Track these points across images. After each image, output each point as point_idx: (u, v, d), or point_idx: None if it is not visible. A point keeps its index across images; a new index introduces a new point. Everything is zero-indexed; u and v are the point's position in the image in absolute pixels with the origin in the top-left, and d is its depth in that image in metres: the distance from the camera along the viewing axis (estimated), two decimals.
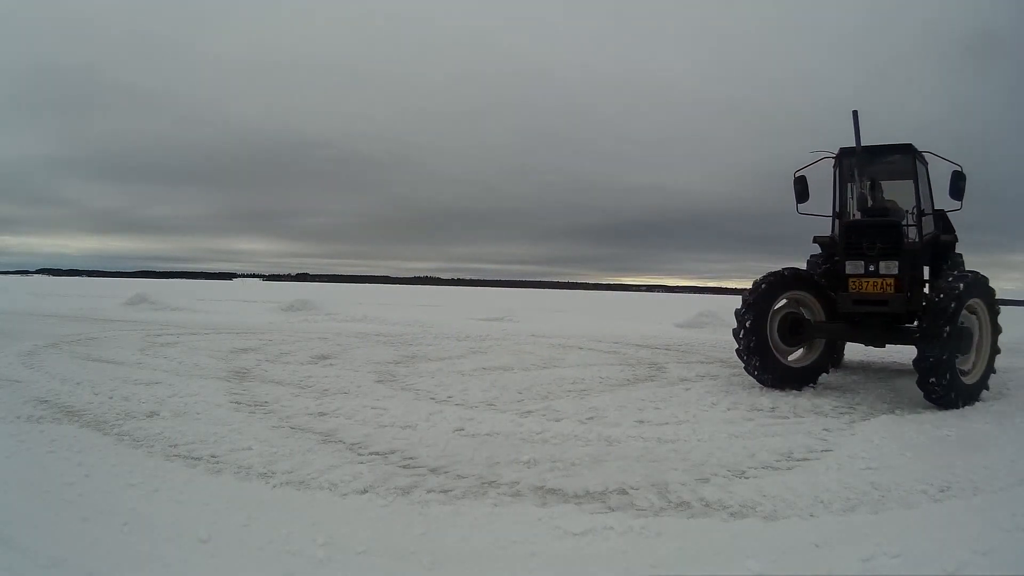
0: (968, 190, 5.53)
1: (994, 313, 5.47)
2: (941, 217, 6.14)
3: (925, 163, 6.07)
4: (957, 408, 4.78)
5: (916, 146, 5.89)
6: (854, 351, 7.90)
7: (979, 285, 5.29)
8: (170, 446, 3.37)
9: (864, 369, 7.28)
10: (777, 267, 5.93)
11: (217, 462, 3.13)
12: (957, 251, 6.24)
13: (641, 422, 4.22)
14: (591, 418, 4.27)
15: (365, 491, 2.77)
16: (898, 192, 6.10)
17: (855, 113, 5.67)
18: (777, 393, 5.45)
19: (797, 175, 6.08)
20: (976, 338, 5.34)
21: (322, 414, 4.22)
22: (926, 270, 5.95)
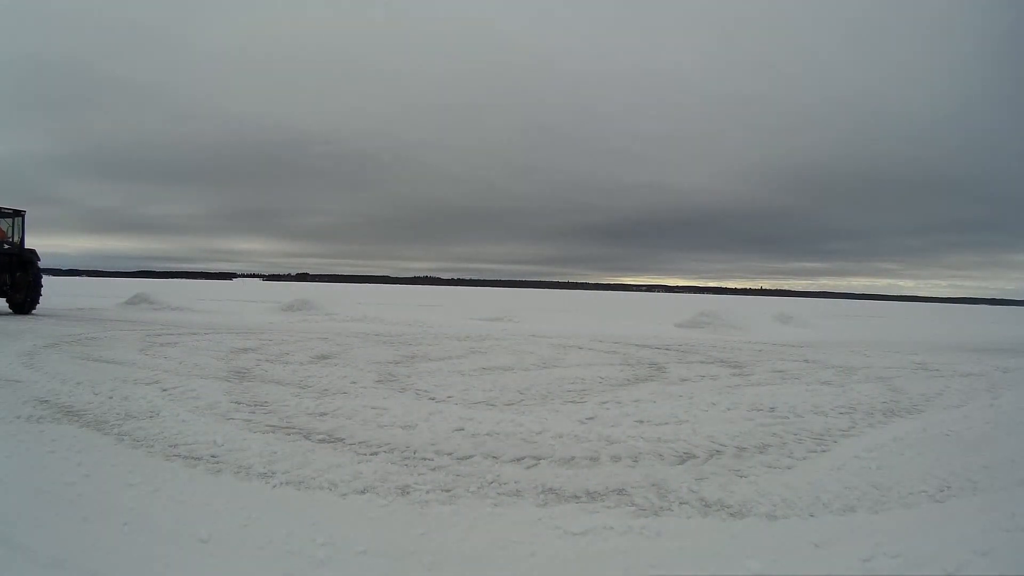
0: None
1: None
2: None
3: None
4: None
5: None
6: None
7: None
8: (170, 446, 3.37)
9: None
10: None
11: (217, 462, 3.13)
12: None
13: (641, 422, 4.22)
14: (591, 418, 4.27)
15: (365, 491, 2.77)
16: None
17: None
18: (778, 393, 5.46)
19: None
20: None
21: (322, 414, 4.22)
22: None
